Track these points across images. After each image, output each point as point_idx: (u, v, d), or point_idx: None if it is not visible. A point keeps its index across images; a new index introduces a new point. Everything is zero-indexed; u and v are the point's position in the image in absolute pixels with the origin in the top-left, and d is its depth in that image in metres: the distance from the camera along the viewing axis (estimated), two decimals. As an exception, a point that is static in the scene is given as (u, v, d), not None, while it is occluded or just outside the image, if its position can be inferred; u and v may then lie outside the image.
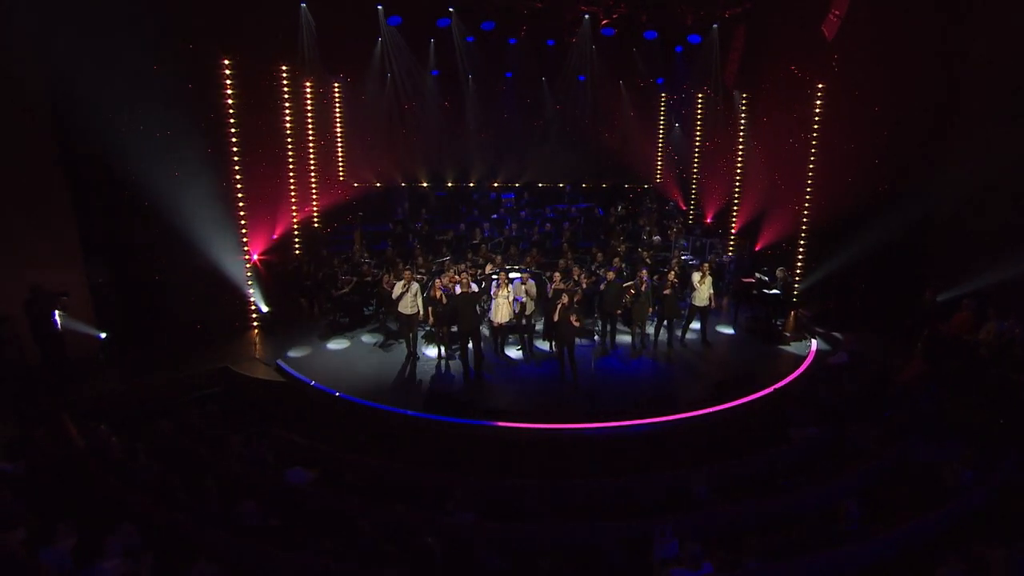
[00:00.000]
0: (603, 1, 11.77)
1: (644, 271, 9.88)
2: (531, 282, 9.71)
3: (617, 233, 14.77)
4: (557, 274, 9.67)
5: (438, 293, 9.20)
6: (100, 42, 8.25)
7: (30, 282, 8.02)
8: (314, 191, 14.32)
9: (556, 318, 8.60)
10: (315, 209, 14.43)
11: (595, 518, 5.35)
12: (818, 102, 11.32)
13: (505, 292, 9.26)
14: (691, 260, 13.37)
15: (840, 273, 11.59)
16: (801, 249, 12.05)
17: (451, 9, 13.10)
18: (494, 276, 9.92)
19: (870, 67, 10.40)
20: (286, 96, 12.24)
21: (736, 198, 14.31)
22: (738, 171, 14.09)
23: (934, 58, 9.99)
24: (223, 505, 5.16)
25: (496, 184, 17.12)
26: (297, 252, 12.99)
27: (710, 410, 7.84)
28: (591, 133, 17.03)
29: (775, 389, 8.34)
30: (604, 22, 12.51)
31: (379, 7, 13.09)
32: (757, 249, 13.63)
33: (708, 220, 15.78)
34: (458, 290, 9.03)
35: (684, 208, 16.72)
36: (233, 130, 9.91)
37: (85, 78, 8.21)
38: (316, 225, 14.40)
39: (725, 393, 8.17)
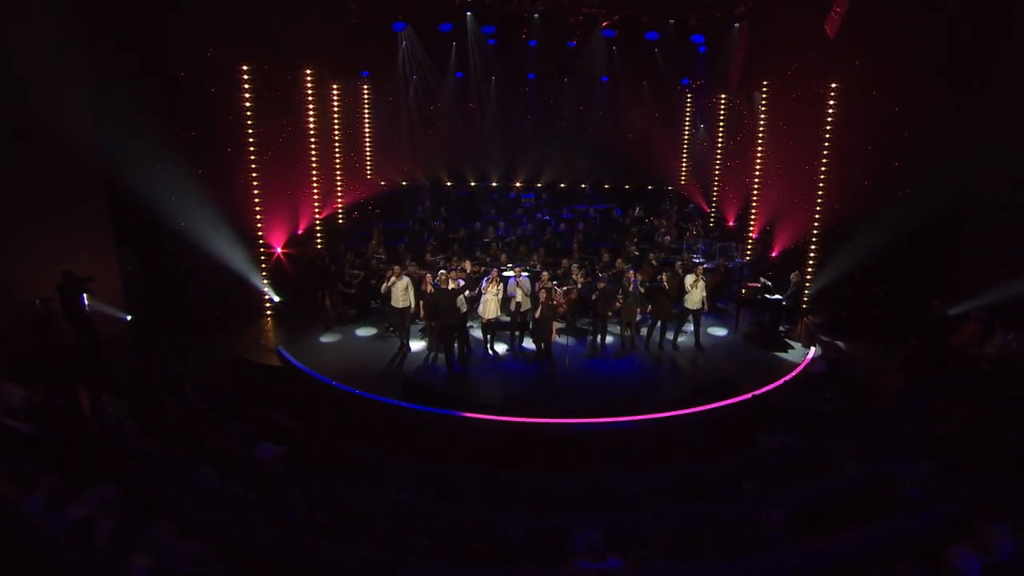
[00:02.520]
0: (604, 3, 11.78)
1: (631, 272, 9.90)
2: (524, 278, 9.95)
3: (632, 234, 14.74)
4: (545, 273, 9.86)
5: (428, 288, 9.61)
6: (132, 52, 9.18)
7: (62, 268, 9.00)
8: (339, 189, 15.11)
9: (537, 314, 8.82)
10: (339, 206, 15.22)
11: (525, 508, 5.57)
12: (831, 102, 10.91)
13: (494, 289, 9.54)
14: (701, 262, 13.16)
15: (855, 280, 11.16)
16: (812, 254, 11.65)
17: (468, 13, 13.48)
18: (487, 273, 10.22)
19: (887, 66, 9.95)
20: (310, 98, 12.97)
21: (755, 201, 13.96)
22: (756, 173, 13.73)
23: (960, 51, 9.43)
24: (187, 470, 5.74)
25: (518, 184, 17.40)
26: (318, 247, 13.73)
27: (677, 412, 7.83)
28: (614, 134, 16.99)
29: (753, 396, 8.20)
30: (604, 24, 12.53)
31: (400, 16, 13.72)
32: (775, 253, 13.26)
33: (731, 223, 15.44)
34: (450, 286, 9.42)
35: (707, 210, 16.42)
36: (251, 131, 10.67)
37: (119, 86, 9.15)
38: (340, 221, 15.19)
39: (701, 397, 8.12)
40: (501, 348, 10.04)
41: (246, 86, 10.54)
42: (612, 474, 6.21)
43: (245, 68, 10.48)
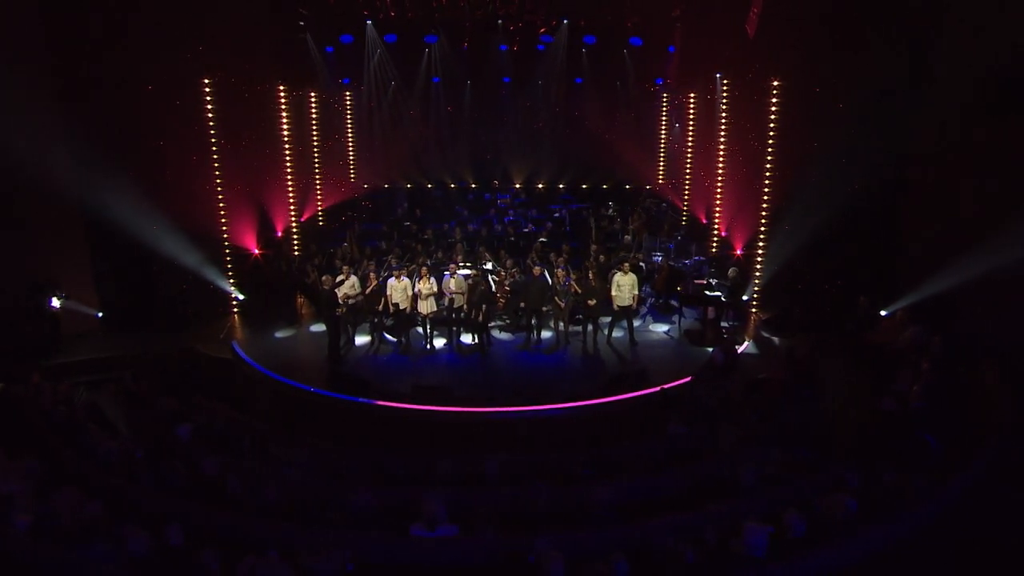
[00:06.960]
0: (540, 10, 12.12)
1: (561, 269, 10.22)
2: (459, 276, 10.39)
3: (597, 235, 14.96)
4: (474, 271, 10.28)
5: (373, 284, 10.25)
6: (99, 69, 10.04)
7: (32, 271, 9.90)
8: (318, 192, 15.88)
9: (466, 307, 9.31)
10: (319, 209, 16.00)
11: (397, 484, 6.04)
12: (774, 100, 10.97)
13: (427, 285, 10.04)
14: (661, 259, 13.33)
15: (806, 277, 11.18)
16: (760, 250, 11.70)
17: (436, 28, 14.06)
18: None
19: (829, 63, 9.98)
20: (283, 107, 13.74)
21: (718, 199, 14.04)
22: (719, 172, 13.80)
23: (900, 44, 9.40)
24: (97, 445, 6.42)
25: (496, 183, 17.85)
26: (295, 248, 14.42)
27: (586, 403, 8.14)
28: (590, 135, 17.26)
29: (661, 388, 8.41)
30: (542, 30, 12.86)
31: (368, 21, 14.41)
32: (739, 250, 13.32)
33: (703, 220, 15.51)
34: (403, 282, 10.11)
35: (682, 208, 16.51)
36: (213, 140, 11.45)
37: (90, 104, 10.03)
38: (321, 223, 15.97)
39: (611, 389, 8.40)
40: (440, 342, 10.50)
41: (208, 98, 11.32)
42: (482, 457, 6.56)
43: (207, 81, 11.26)
